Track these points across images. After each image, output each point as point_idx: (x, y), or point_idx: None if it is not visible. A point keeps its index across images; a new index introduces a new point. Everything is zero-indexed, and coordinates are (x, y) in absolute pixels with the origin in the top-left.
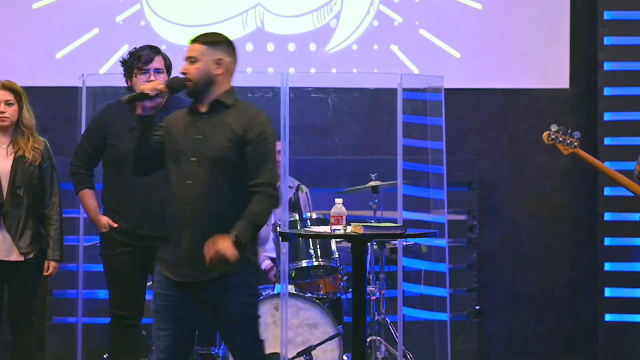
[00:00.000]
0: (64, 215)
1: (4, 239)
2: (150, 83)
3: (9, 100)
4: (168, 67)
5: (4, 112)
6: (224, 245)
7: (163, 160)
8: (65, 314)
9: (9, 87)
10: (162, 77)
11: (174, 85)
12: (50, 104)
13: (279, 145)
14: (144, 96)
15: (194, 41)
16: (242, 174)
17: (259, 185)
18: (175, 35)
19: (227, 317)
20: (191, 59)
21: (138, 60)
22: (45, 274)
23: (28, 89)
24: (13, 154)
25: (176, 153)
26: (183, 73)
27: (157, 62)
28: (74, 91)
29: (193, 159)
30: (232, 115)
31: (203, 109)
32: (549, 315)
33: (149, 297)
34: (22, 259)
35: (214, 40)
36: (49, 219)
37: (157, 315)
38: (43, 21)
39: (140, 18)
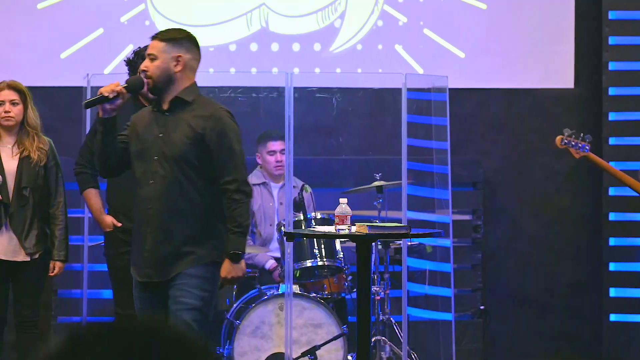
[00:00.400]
0: (68, 215)
1: (10, 240)
2: (109, 85)
3: (14, 99)
4: None
5: (9, 112)
6: (225, 271)
7: (130, 160)
8: (70, 314)
9: (14, 87)
10: None
11: (132, 85)
12: (54, 104)
13: (280, 145)
14: (103, 99)
15: (154, 38)
16: (205, 172)
17: (228, 183)
18: None
19: (170, 300)
20: (151, 56)
21: (142, 59)
22: (50, 274)
23: (32, 88)
24: (18, 155)
25: (140, 152)
26: (143, 70)
27: None
28: (78, 91)
29: (155, 157)
30: (192, 112)
31: (165, 106)
32: (554, 316)
33: None
34: (28, 259)
35: (173, 37)
36: (54, 219)
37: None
38: (48, 21)
39: (145, 18)
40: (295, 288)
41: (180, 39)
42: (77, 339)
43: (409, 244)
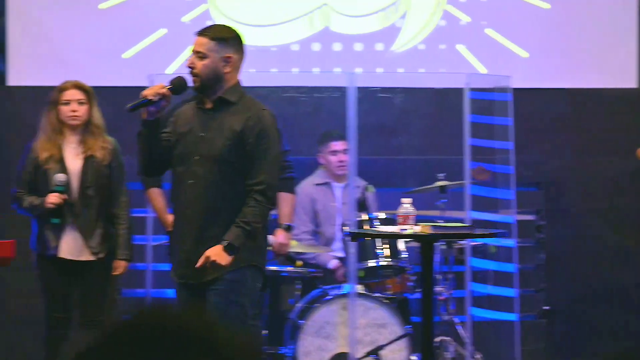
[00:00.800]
0: (132, 215)
1: (75, 239)
2: (153, 87)
3: (80, 99)
4: None
5: (76, 111)
6: (214, 252)
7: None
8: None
9: (79, 87)
10: None
11: (177, 87)
12: (117, 103)
13: (342, 145)
14: (147, 102)
15: (202, 34)
16: (243, 174)
17: (256, 185)
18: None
19: (209, 305)
20: (199, 54)
21: None
22: (114, 273)
23: (95, 88)
24: (83, 154)
25: (181, 151)
26: (190, 67)
27: None
28: (140, 91)
29: (196, 157)
30: (235, 113)
31: (208, 105)
32: (619, 316)
33: None
34: (92, 258)
35: (223, 37)
36: (117, 219)
37: None
38: (109, 21)
39: (207, 18)
40: (359, 288)
41: (229, 38)
42: (111, 336)
43: (473, 244)
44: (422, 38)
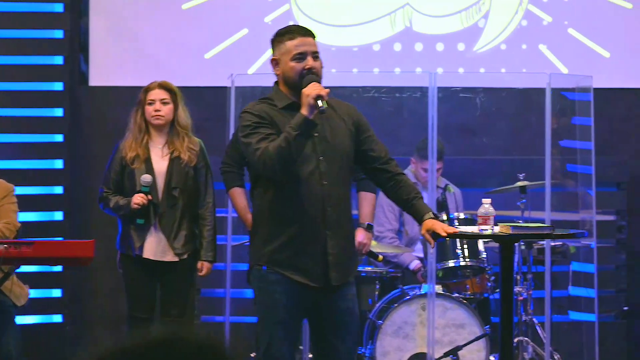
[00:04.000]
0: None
1: (159, 240)
2: (318, 88)
3: (165, 99)
4: None
5: (160, 111)
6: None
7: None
8: (213, 313)
9: (164, 86)
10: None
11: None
12: (199, 103)
13: (438, 165)
14: (321, 98)
15: (310, 35)
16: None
17: (388, 159)
18: (323, 35)
19: (343, 312)
20: (315, 54)
21: None
22: (199, 274)
23: (177, 88)
24: (168, 155)
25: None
26: (311, 68)
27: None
28: (223, 91)
29: (321, 157)
30: (332, 109)
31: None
32: None
33: None
34: (176, 259)
35: (314, 35)
36: (203, 220)
37: None
38: (192, 21)
39: (289, 18)
40: (438, 288)
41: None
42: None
43: (552, 244)
44: (503, 38)
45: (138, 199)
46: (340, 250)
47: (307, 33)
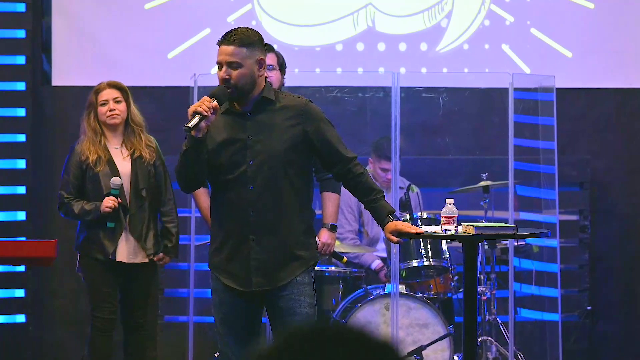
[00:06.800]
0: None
1: (129, 242)
2: (202, 103)
3: (117, 97)
4: (281, 64)
5: (114, 110)
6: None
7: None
8: (176, 313)
9: (114, 85)
10: (275, 74)
11: (221, 97)
12: (162, 103)
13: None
14: (202, 118)
15: (230, 43)
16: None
17: (351, 160)
18: (286, 35)
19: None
20: (233, 65)
21: None
22: (156, 259)
23: (140, 88)
24: (129, 155)
25: (229, 159)
26: (225, 79)
27: (270, 59)
28: (185, 91)
29: (250, 162)
30: (279, 111)
31: (240, 108)
32: None
33: None
34: (146, 260)
35: (252, 41)
36: (166, 216)
37: None
38: (155, 21)
39: (252, 18)
40: (402, 288)
41: (256, 41)
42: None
43: (516, 244)
44: (466, 38)
45: (109, 202)
46: (269, 255)
47: (226, 41)
